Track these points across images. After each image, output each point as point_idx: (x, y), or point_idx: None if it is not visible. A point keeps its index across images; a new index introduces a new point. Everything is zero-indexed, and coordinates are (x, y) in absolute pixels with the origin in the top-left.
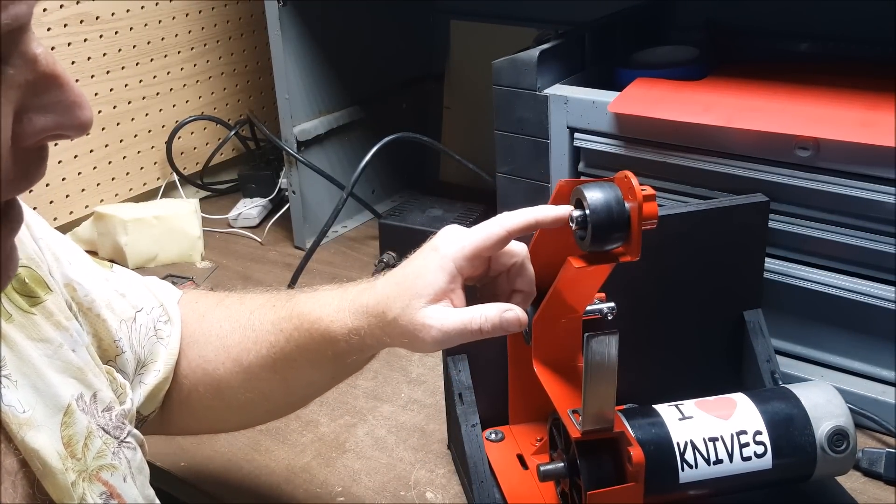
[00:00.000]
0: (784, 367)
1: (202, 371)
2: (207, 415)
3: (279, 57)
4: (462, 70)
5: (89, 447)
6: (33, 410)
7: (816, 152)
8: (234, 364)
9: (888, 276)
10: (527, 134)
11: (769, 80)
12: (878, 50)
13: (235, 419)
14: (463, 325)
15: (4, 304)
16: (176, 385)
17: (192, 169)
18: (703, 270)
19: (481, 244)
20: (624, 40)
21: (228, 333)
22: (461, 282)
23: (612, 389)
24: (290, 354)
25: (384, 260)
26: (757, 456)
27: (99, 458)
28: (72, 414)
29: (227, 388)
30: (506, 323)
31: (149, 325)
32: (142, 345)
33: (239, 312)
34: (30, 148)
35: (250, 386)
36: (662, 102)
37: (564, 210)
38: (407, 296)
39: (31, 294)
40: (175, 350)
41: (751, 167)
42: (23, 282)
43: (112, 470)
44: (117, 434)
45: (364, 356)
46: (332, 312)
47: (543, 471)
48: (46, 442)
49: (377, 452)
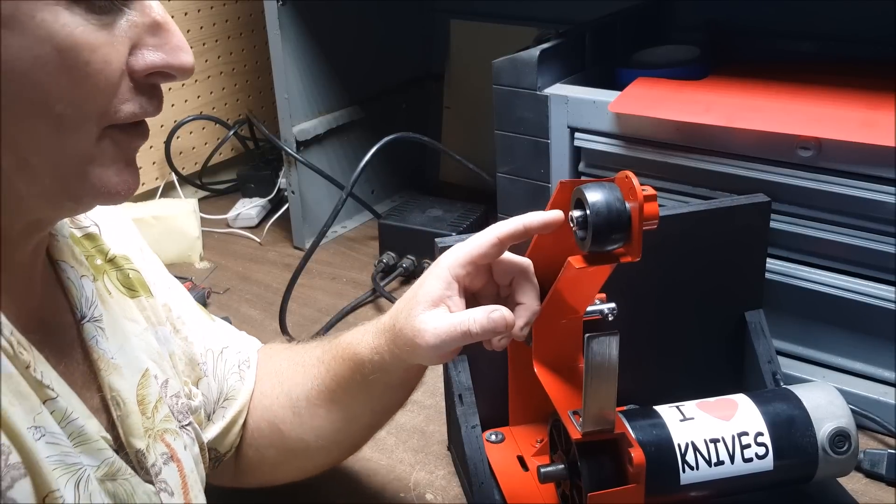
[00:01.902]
0: (785, 368)
1: (262, 407)
2: (269, 455)
3: (278, 56)
4: (462, 70)
5: (158, 410)
6: (118, 362)
7: (818, 152)
8: (286, 399)
9: (890, 276)
10: (527, 134)
11: (770, 80)
12: (879, 50)
13: (294, 462)
14: (452, 328)
15: (107, 283)
16: (244, 425)
17: (190, 169)
18: (705, 271)
19: (475, 251)
20: (624, 40)
21: (285, 370)
22: (458, 289)
23: (612, 390)
24: (329, 385)
25: (384, 260)
26: (758, 457)
27: (165, 422)
28: (148, 378)
29: (281, 424)
30: (492, 323)
31: (233, 363)
32: (225, 378)
33: (297, 352)
34: (142, 81)
35: (301, 422)
36: (663, 102)
37: (553, 215)
38: (409, 305)
39: (131, 287)
40: (251, 389)
41: (752, 167)
42: (126, 276)
43: (175, 435)
44: (180, 419)
45: (390, 379)
46: (360, 336)
47: (544, 472)
48: (127, 388)
49: (377, 454)
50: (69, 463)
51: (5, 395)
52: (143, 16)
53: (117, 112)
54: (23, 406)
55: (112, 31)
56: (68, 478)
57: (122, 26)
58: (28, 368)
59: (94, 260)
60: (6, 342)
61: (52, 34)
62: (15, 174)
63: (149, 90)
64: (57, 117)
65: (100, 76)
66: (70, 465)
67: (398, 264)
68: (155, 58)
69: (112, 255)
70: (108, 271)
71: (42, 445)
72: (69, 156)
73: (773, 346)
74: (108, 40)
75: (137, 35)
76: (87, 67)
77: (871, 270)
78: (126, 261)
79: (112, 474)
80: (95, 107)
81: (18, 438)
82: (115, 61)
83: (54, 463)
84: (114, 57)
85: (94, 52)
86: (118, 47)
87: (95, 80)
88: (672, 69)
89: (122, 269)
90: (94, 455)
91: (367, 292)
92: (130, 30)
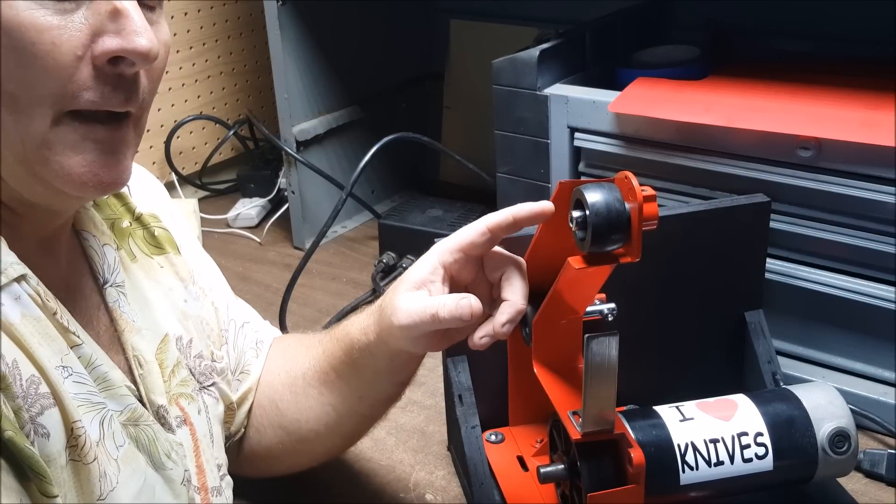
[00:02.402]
0: (785, 368)
1: (265, 383)
2: (267, 435)
3: (278, 56)
4: (462, 70)
5: (175, 374)
6: (139, 325)
7: (818, 152)
8: (286, 376)
9: (889, 276)
10: (527, 134)
11: (770, 80)
12: (879, 50)
13: (289, 446)
14: (423, 309)
15: (131, 246)
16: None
17: (190, 169)
18: (704, 271)
19: (464, 239)
20: (624, 40)
21: (291, 349)
22: (443, 276)
23: (612, 391)
24: (322, 366)
25: (384, 260)
26: (758, 457)
27: (181, 386)
28: (167, 343)
29: (280, 402)
30: (459, 310)
31: (252, 339)
32: (243, 350)
33: (306, 336)
34: (106, 69)
35: (296, 401)
36: (663, 102)
37: (543, 206)
38: (394, 286)
39: (158, 245)
40: (261, 368)
41: (752, 167)
42: (153, 234)
43: (189, 399)
44: (202, 380)
45: (377, 364)
46: (355, 318)
47: (543, 472)
48: (148, 349)
49: (377, 454)
50: (94, 402)
51: (34, 336)
52: (106, 3)
53: (75, 97)
54: (51, 347)
55: (69, 17)
56: (93, 415)
57: (83, 14)
58: (55, 315)
59: (121, 222)
60: (33, 291)
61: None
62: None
63: (114, 80)
64: (9, 96)
65: (47, 58)
66: (95, 404)
67: (398, 264)
68: (112, 43)
69: (139, 214)
70: (134, 231)
71: (69, 384)
72: (25, 137)
73: (772, 346)
74: (61, 24)
75: (100, 22)
76: (34, 48)
77: (870, 270)
78: (154, 219)
79: (135, 419)
80: (47, 90)
81: (47, 374)
82: (64, 44)
83: (80, 400)
84: (64, 40)
85: (42, 33)
86: (72, 32)
87: (43, 62)
88: (672, 69)
89: (148, 227)
90: (118, 400)
91: (367, 292)
92: (92, 17)
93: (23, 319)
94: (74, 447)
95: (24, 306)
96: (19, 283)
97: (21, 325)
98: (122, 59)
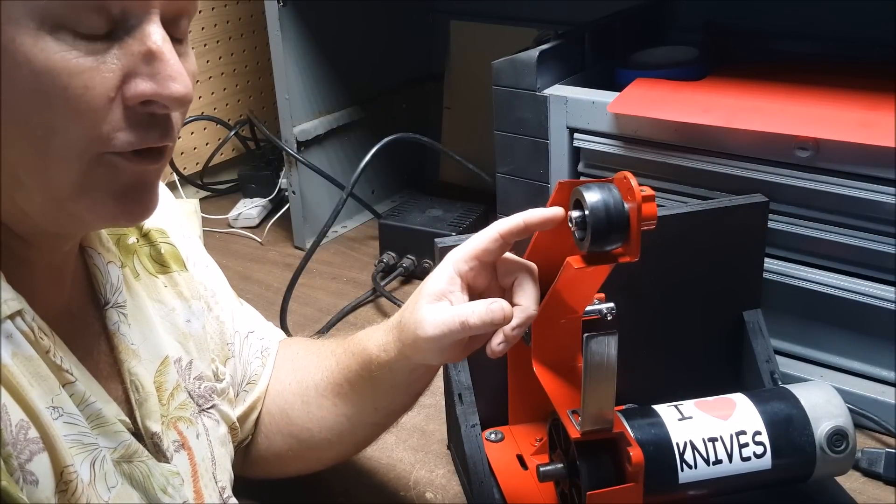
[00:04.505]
0: (783, 368)
1: (275, 392)
2: (276, 442)
3: (279, 57)
4: (462, 70)
5: (174, 398)
6: (138, 349)
7: (816, 153)
8: (297, 386)
9: (888, 276)
10: (526, 134)
11: (769, 81)
12: (878, 50)
13: (298, 453)
14: (452, 318)
15: (136, 265)
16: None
17: (192, 169)
18: (703, 271)
19: (478, 246)
20: (624, 40)
21: (300, 358)
22: (461, 285)
23: (611, 390)
24: (337, 378)
25: (384, 260)
26: (756, 456)
27: (180, 410)
28: (167, 366)
29: (290, 411)
30: (491, 314)
31: (257, 348)
32: (249, 361)
33: (314, 343)
34: (138, 110)
35: (307, 411)
36: (662, 103)
37: (553, 211)
38: (414, 300)
39: (163, 263)
40: (269, 377)
41: (750, 167)
42: (159, 251)
43: (188, 423)
44: (201, 402)
45: (396, 378)
46: (370, 334)
47: (543, 471)
48: (145, 373)
49: (377, 453)
50: (86, 443)
51: (25, 376)
52: (140, 44)
53: (112, 140)
54: (42, 387)
55: (101, 58)
56: (84, 456)
57: (115, 53)
58: (48, 353)
59: (127, 238)
60: (27, 327)
61: (29, 59)
62: (13, 191)
63: (147, 119)
64: (40, 140)
65: (79, 101)
66: (87, 445)
67: (398, 264)
68: (145, 87)
69: (147, 230)
70: (140, 249)
71: (60, 425)
72: (57, 180)
73: (771, 346)
74: (93, 66)
75: (132, 63)
76: (65, 92)
77: (869, 270)
78: (161, 234)
79: (128, 456)
80: (79, 133)
81: (37, 416)
82: (97, 87)
83: (71, 441)
84: (97, 82)
85: (73, 77)
86: (104, 74)
87: (75, 106)
88: (671, 70)
89: (154, 244)
90: (111, 437)
91: (368, 292)
92: (124, 57)
93: (14, 359)
94: (65, 492)
95: (16, 345)
96: (13, 320)
97: (12, 364)
98: (154, 102)
